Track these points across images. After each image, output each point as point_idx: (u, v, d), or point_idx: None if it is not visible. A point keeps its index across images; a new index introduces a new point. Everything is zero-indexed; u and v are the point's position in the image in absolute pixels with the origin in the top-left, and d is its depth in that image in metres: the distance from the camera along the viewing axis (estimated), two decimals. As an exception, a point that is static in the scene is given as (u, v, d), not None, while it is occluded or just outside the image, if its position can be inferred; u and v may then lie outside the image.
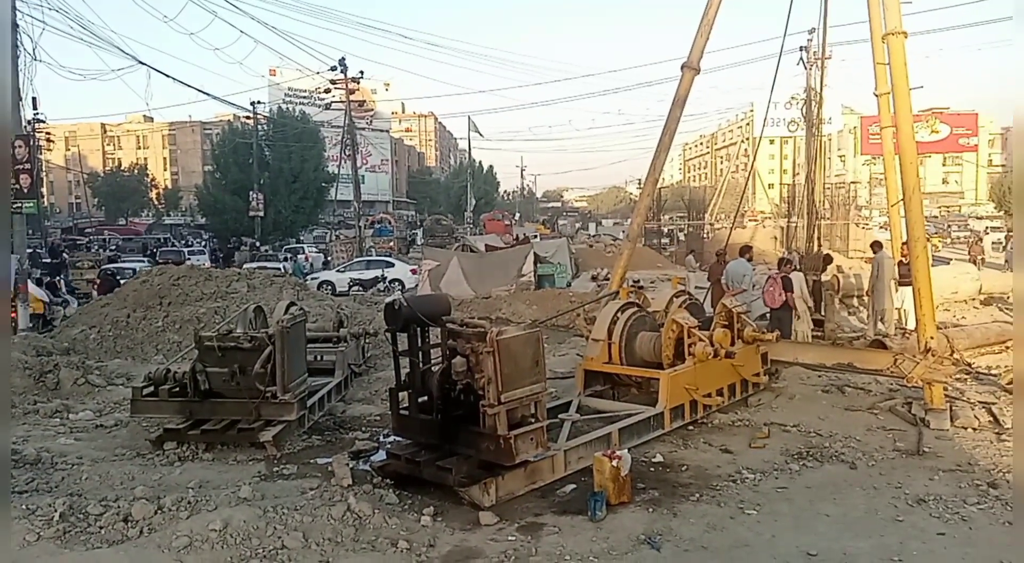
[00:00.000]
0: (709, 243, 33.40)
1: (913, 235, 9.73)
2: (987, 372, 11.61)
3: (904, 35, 9.87)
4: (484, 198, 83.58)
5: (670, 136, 11.50)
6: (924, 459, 7.71)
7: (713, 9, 11.09)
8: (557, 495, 6.86)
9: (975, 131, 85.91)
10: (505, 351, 6.48)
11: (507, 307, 19.10)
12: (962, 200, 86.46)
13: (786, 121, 49.07)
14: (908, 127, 10.00)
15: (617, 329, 9.48)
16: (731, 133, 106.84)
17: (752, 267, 15.12)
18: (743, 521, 6.19)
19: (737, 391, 9.88)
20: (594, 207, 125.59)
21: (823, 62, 20.30)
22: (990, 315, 18.02)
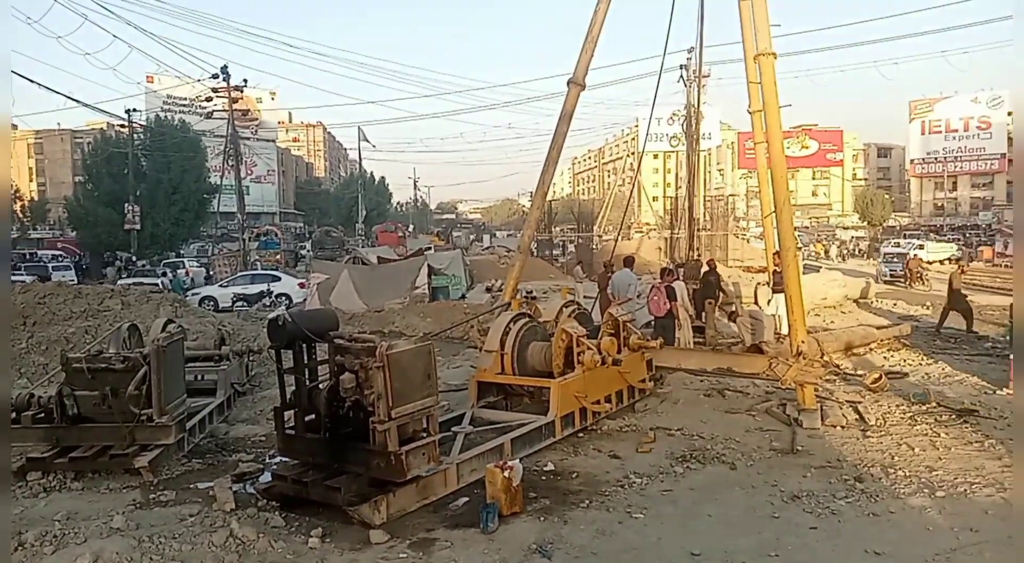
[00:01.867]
0: (598, 254, 34.27)
1: (784, 245, 10.31)
2: (853, 373, 12.42)
3: (774, 56, 10.48)
4: (376, 209, 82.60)
5: (558, 150, 11.73)
6: (798, 457, 8.14)
7: (597, 27, 11.41)
8: (450, 509, 6.81)
9: (840, 147, 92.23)
10: (395, 366, 6.40)
11: (400, 320, 18.92)
12: (830, 211, 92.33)
13: (668, 136, 51.12)
14: (778, 143, 10.60)
15: (509, 340, 9.55)
16: (617, 148, 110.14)
17: (637, 277, 15.61)
18: (631, 525, 6.34)
19: (624, 397, 10.15)
20: (488, 219, 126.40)
21: (700, 80, 21.21)
22: (856, 319, 19.32)
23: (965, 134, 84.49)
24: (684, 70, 29.55)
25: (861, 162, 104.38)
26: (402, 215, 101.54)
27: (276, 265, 39.14)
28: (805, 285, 10.85)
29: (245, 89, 42.00)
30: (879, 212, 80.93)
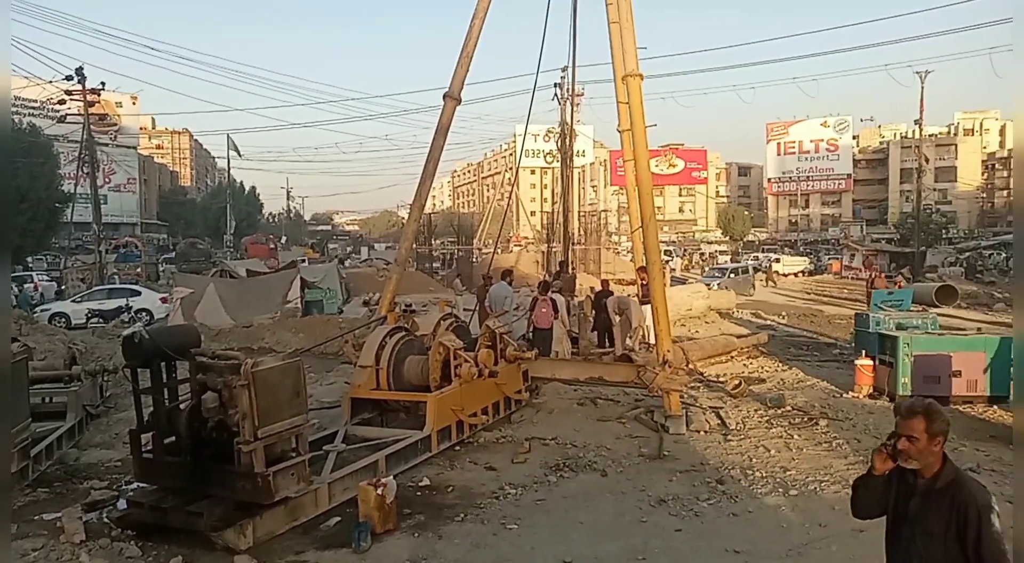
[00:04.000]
0: (478, 267, 34.43)
1: (650, 258, 10.73)
2: (716, 379, 13.06)
3: (640, 77, 10.95)
4: (246, 220, 79.53)
5: (434, 163, 11.73)
6: (664, 462, 8.47)
7: (472, 42, 11.53)
8: (321, 530, 6.62)
9: (705, 166, 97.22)
10: (262, 383, 6.16)
11: (271, 336, 18.27)
12: (695, 227, 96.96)
13: (544, 153, 52.28)
14: (645, 161, 11.06)
15: (385, 354, 9.43)
16: (496, 162, 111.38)
17: (515, 290, 15.81)
18: (505, 536, 6.38)
19: (501, 408, 10.24)
20: (366, 231, 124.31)
21: (573, 99, 21.83)
22: (718, 329, 20.36)
23: (816, 155, 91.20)
24: (558, 88, 30.31)
25: (723, 180, 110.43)
26: (274, 226, 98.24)
27: (136, 279, 36.85)
28: (671, 297, 11.34)
29: (103, 92, 39.47)
30: (740, 227, 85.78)
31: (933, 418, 3.02)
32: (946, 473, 3.03)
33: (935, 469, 3.04)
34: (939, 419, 3.04)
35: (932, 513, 3.01)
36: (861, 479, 3.30)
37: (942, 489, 3.00)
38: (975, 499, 2.92)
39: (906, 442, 3.03)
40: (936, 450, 3.03)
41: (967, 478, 3.06)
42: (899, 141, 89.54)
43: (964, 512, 2.91)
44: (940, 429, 3.02)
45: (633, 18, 10.89)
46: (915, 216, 52.63)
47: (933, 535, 2.99)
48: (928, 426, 3.00)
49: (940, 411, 3.07)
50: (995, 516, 2.88)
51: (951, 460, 3.08)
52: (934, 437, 3.01)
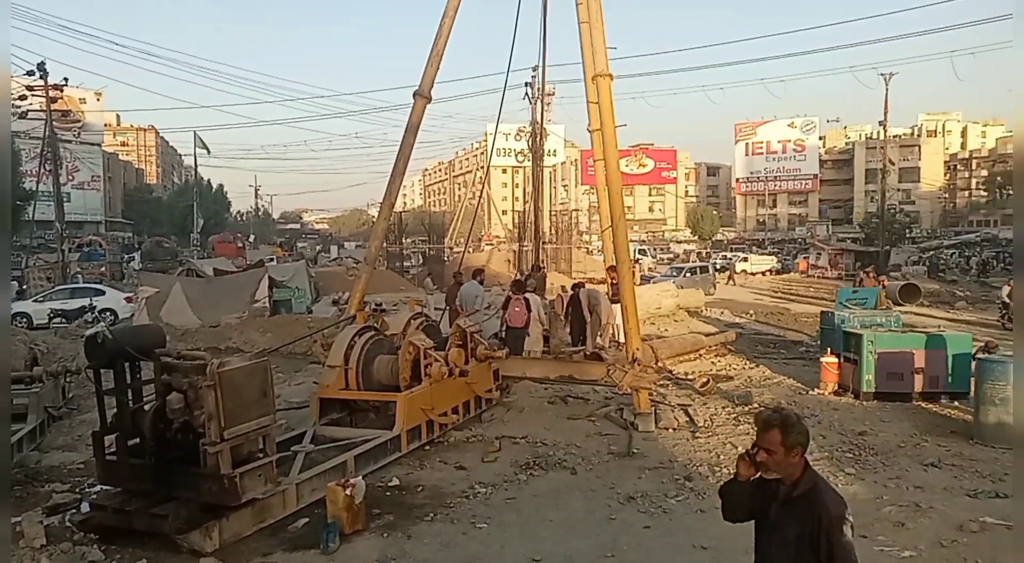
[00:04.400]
0: (449, 266, 34.35)
1: (620, 257, 10.79)
2: (684, 377, 13.18)
3: (610, 77, 11.00)
4: (214, 219, 78.46)
5: (405, 161, 11.69)
6: (633, 459, 8.53)
7: (442, 41, 11.50)
8: (289, 531, 6.56)
9: (674, 165, 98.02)
10: (228, 384, 6.09)
11: (238, 336, 18.06)
12: (665, 226, 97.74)
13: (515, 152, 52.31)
14: (614, 160, 11.11)
15: (354, 354, 9.37)
16: (467, 161, 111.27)
17: (486, 289, 15.79)
18: (475, 535, 6.39)
19: (471, 407, 10.23)
20: (336, 229, 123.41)
21: (543, 98, 21.86)
22: (687, 327, 20.53)
23: (783, 156, 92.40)
24: (529, 88, 30.36)
25: (693, 180, 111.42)
26: (242, 225, 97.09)
27: (100, 278, 36.17)
28: (640, 296, 11.41)
29: (66, 88, 38.68)
30: (708, 227, 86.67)
31: (788, 431, 3.03)
32: (804, 482, 3.05)
33: (795, 477, 3.06)
34: (794, 431, 3.04)
35: (789, 520, 3.03)
36: (727, 485, 3.31)
37: (799, 497, 3.03)
38: (828, 509, 2.95)
39: (764, 454, 3.05)
40: (794, 461, 3.04)
41: (825, 488, 3.08)
42: (864, 142, 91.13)
43: (817, 521, 2.93)
44: (796, 441, 3.03)
45: (603, 18, 10.93)
46: (879, 216, 53.59)
47: (788, 542, 3.02)
48: (784, 438, 3.01)
49: (796, 423, 3.08)
50: (847, 527, 2.92)
51: (812, 469, 3.10)
52: (791, 449, 3.02)
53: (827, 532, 2.90)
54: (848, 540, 2.91)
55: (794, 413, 3.17)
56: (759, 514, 3.18)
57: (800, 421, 3.11)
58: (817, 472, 3.13)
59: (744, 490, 3.21)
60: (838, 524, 2.91)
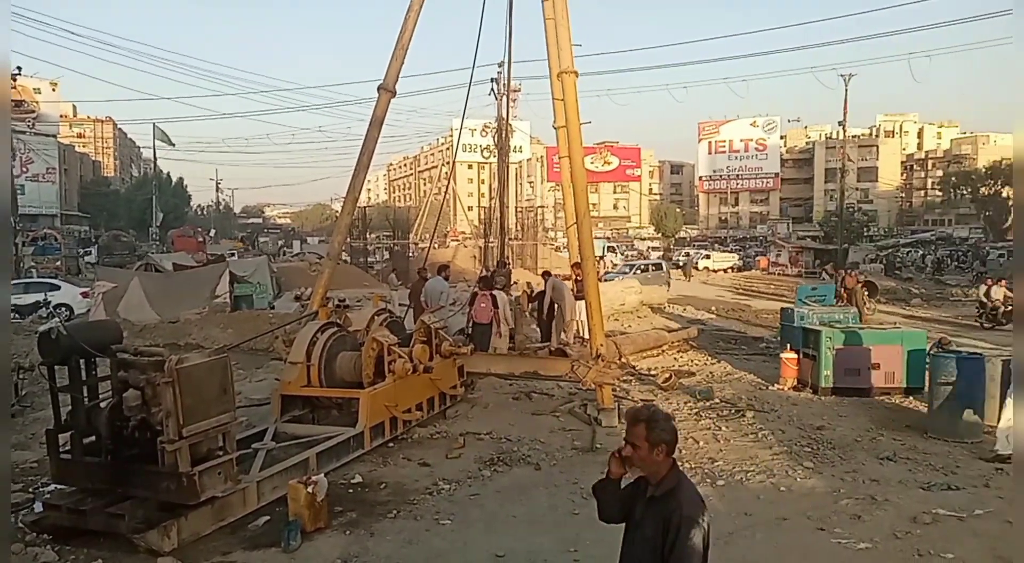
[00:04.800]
0: (414, 262, 34.17)
1: (584, 254, 10.83)
2: (647, 373, 13.29)
3: (575, 74, 11.02)
4: (173, 212, 76.93)
5: (369, 156, 11.58)
6: (596, 454, 8.56)
7: (407, 34, 11.41)
8: (249, 529, 6.47)
9: (639, 163, 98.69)
10: (187, 380, 5.99)
11: (198, 332, 17.78)
12: (629, 224, 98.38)
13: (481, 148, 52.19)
14: (579, 158, 11.14)
15: (316, 350, 9.28)
16: (433, 156, 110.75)
17: (451, 285, 15.75)
18: (438, 532, 6.37)
19: (436, 404, 10.20)
20: (299, 224, 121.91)
21: (509, 94, 21.85)
22: (650, 323, 20.72)
23: (745, 154, 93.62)
24: (495, 84, 30.28)
25: (657, 178, 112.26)
26: (203, 219, 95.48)
27: (55, 273, 35.29)
28: (604, 292, 11.47)
29: (19, 77, 37.64)
30: (672, 224, 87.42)
31: (653, 426, 3.01)
32: (667, 481, 3.02)
33: (660, 476, 3.03)
34: (659, 428, 3.01)
35: (648, 519, 3.02)
36: (599, 483, 3.28)
37: (660, 497, 3.00)
38: (680, 509, 2.92)
39: (630, 448, 3.04)
40: (658, 458, 3.00)
41: (685, 489, 3.03)
42: (824, 142, 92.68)
43: (669, 520, 2.91)
44: (661, 437, 3.00)
45: (568, 15, 10.96)
46: (838, 214, 54.57)
47: (646, 540, 3.00)
48: (648, 434, 2.99)
49: (663, 421, 3.06)
50: (696, 531, 2.87)
51: (679, 469, 3.08)
52: (655, 445, 2.99)
53: (675, 531, 2.87)
54: (694, 544, 2.87)
55: (663, 411, 3.15)
56: (630, 513, 3.16)
57: (668, 420, 3.09)
58: (684, 474, 3.11)
59: (616, 489, 3.19)
60: (687, 525, 2.88)
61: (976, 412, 9.32)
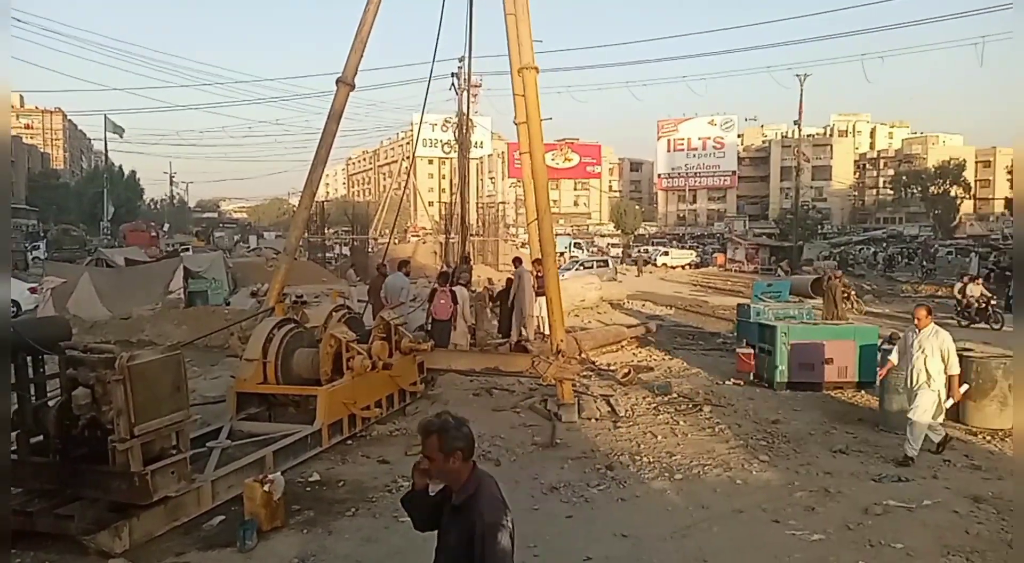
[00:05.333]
0: (373, 257, 33.90)
1: (544, 250, 10.85)
2: (607, 368, 13.39)
3: (536, 70, 11.02)
4: (125, 206, 75.19)
5: (327, 149, 11.44)
6: (557, 450, 8.61)
7: (366, 28, 11.29)
8: (203, 529, 6.35)
9: (599, 160, 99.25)
10: (138, 378, 5.84)
11: (151, 328, 17.39)
12: (589, 220, 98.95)
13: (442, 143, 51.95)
14: (540, 154, 11.15)
15: (273, 347, 9.14)
16: (393, 150, 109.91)
17: (411, 281, 15.65)
18: (397, 530, 6.31)
19: (395, 401, 10.13)
20: (255, 219, 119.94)
21: (469, 89, 21.77)
22: (610, 319, 20.87)
23: (703, 152, 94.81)
24: (456, 78, 30.14)
25: (617, 175, 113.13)
26: (156, 213, 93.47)
27: (1, 267, 34.12)
28: (564, 289, 11.51)
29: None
30: (631, 221, 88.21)
31: (445, 436, 2.96)
32: (467, 488, 3.00)
33: (460, 484, 3.01)
34: (451, 436, 2.97)
35: (452, 528, 3.03)
36: (406, 496, 3.26)
37: (461, 505, 2.99)
38: (483, 516, 2.90)
39: (426, 461, 3.01)
40: (454, 466, 2.97)
41: (485, 495, 2.99)
42: (780, 140, 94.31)
43: (472, 529, 2.89)
44: (455, 445, 2.96)
45: (529, 11, 10.95)
46: (793, 212, 55.63)
47: (451, 550, 3.02)
48: (441, 444, 2.96)
49: (453, 428, 3.00)
50: (502, 533, 2.86)
51: (478, 475, 3.04)
52: (449, 454, 2.96)
53: (480, 540, 2.85)
54: (503, 547, 2.87)
55: (456, 418, 3.07)
56: (440, 522, 3.14)
57: (460, 426, 3.02)
58: (484, 478, 3.06)
59: (423, 500, 3.17)
60: (492, 531, 2.86)
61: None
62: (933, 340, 8.23)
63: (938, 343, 8.21)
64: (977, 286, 21.44)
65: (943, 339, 8.25)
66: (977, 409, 9.79)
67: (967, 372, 9.90)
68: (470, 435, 3.05)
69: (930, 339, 8.25)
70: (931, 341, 8.23)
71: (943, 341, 8.23)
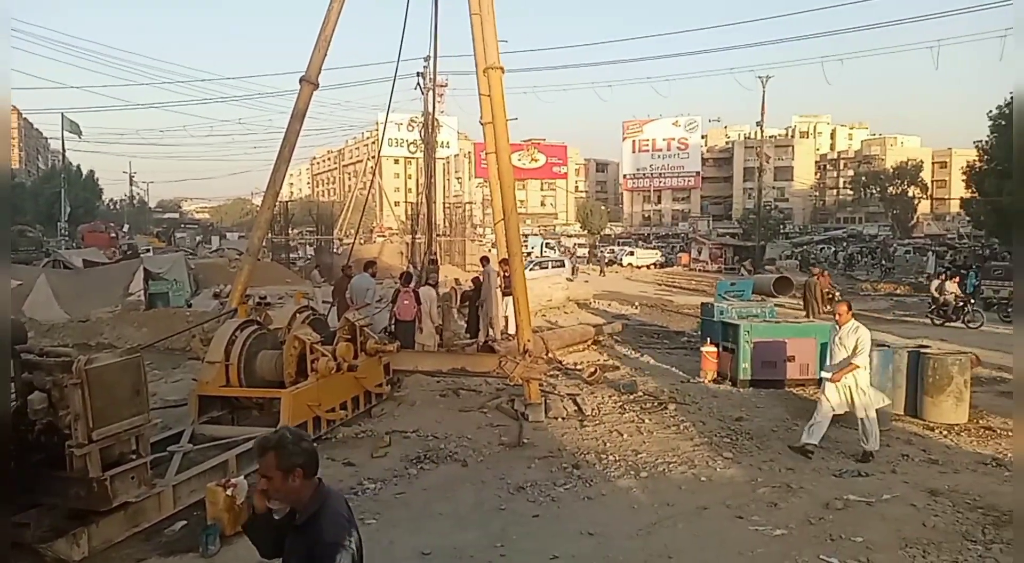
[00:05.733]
0: (338, 258, 33.60)
1: (511, 250, 10.88)
2: (573, 367, 13.44)
3: (501, 70, 11.03)
4: (83, 207, 73.53)
5: (290, 149, 11.32)
6: (523, 449, 8.62)
7: (330, 26, 11.20)
8: (165, 535, 6.25)
9: (565, 161, 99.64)
10: (97, 382, 5.73)
11: (110, 331, 17.06)
12: (556, 221, 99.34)
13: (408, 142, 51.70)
14: (506, 154, 11.16)
15: (235, 349, 9.01)
16: (358, 150, 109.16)
17: (377, 281, 15.54)
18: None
19: (361, 403, 10.05)
20: (218, 219, 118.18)
21: (435, 89, 21.71)
22: (576, 318, 20.96)
23: (668, 153, 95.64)
24: (421, 78, 30.00)
25: (583, 176, 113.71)
26: (116, 214, 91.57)
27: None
28: (531, 288, 11.53)
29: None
30: (597, 222, 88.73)
31: (283, 453, 2.77)
32: (307, 509, 2.82)
33: (303, 504, 2.83)
34: (288, 453, 2.78)
35: (293, 551, 2.85)
36: (247, 522, 3.06)
37: (303, 525, 2.83)
38: (322, 536, 2.74)
39: (264, 480, 2.82)
40: (294, 485, 2.78)
41: (327, 515, 2.81)
42: (743, 141, 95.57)
43: (312, 550, 2.74)
44: (293, 462, 2.77)
45: (494, 11, 10.97)
46: (756, 212, 56.40)
47: None
48: (279, 461, 2.77)
49: (291, 443, 2.81)
50: (342, 555, 2.71)
51: (323, 490, 2.87)
52: (288, 472, 2.76)
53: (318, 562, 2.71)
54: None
55: (295, 433, 2.90)
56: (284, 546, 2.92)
57: (299, 442, 2.84)
58: (330, 496, 2.89)
59: (266, 524, 2.98)
60: (330, 553, 2.69)
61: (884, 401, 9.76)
62: (853, 336, 8.33)
63: (857, 338, 8.30)
64: (953, 284, 21.66)
65: (861, 334, 8.33)
66: (934, 405, 10.03)
67: (924, 369, 10.17)
68: (311, 450, 2.85)
69: (850, 335, 8.35)
70: (851, 337, 8.33)
71: (861, 336, 8.31)
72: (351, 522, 2.87)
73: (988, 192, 32.59)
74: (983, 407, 10.66)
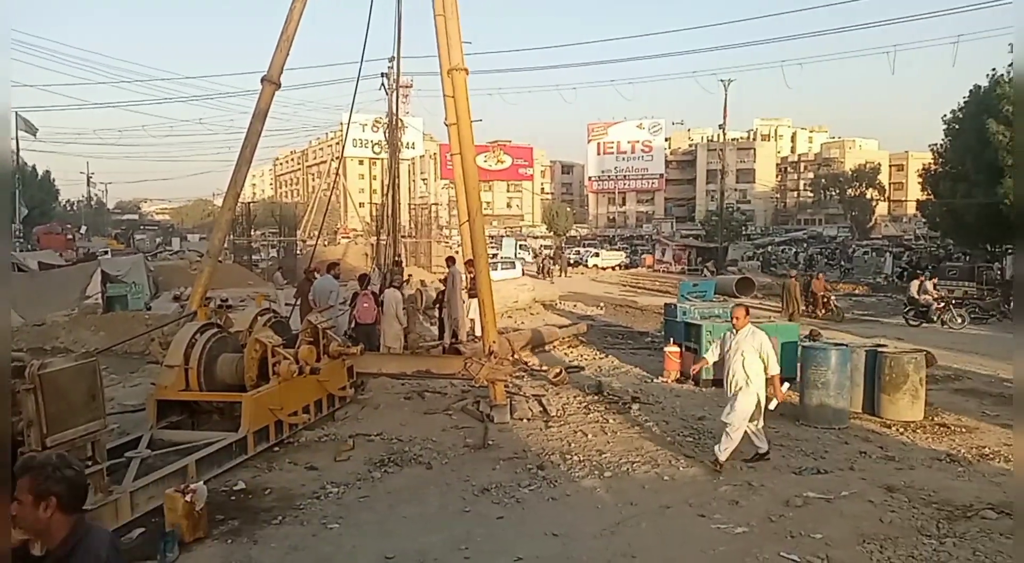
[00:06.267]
0: (301, 260, 33.26)
1: (476, 252, 10.85)
2: (539, 368, 13.47)
3: (466, 71, 11.01)
4: (39, 208, 71.70)
5: (252, 149, 11.17)
6: (488, 451, 8.61)
7: (292, 25, 11.08)
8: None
9: (531, 162, 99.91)
10: (50, 387, 5.60)
11: (66, 335, 16.68)
12: (522, 222, 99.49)
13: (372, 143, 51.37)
14: (471, 155, 11.15)
15: (195, 353, 8.86)
16: (322, 150, 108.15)
17: (341, 283, 15.41)
18: (325, 537, 6.22)
19: (324, 406, 9.95)
20: (179, 221, 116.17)
21: (398, 89, 21.63)
22: (542, 320, 21.01)
23: (632, 156, 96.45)
24: (386, 78, 29.85)
25: (548, 177, 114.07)
26: (73, 215, 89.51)
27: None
28: (497, 290, 11.53)
29: None
30: (563, 223, 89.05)
31: (38, 476, 2.35)
32: (58, 550, 2.38)
33: (54, 542, 2.38)
34: (45, 477, 2.35)
35: None
36: None
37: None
38: None
39: (16, 504, 2.35)
40: (45, 516, 2.34)
41: (78, 556, 2.39)
42: (706, 144, 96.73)
43: None
44: (48, 489, 2.34)
45: (458, 12, 10.94)
46: (719, 214, 57.10)
47: None
48: (33, 484, 2.34)
49: (53, 468, 2.38)
50: None
51: (83, 534, 2.44)
52: (41, 499, 2.33)
53: None
54: None
55: (60, 459, 2.44)
56: None
57: (63, 468, 2.40)
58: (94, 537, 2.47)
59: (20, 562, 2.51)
60: None
61: (842, 400, 9.96)
62: (751, 340, 7.98)
63: (756, 344, 7.96)
64: (931, 285, 21.77)
65: (760, 340, 8.00)
66: (891, 402, 10.24)
67: (881, 367, 10.37)
68: (75, 481, 2.41)
69: (747, 340, 8.00)
70: (749, 342, 7.98)
71: (761, 342, 7.98)
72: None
73: (943, 195, 33.38)
74: (938, 405, 10.93)
